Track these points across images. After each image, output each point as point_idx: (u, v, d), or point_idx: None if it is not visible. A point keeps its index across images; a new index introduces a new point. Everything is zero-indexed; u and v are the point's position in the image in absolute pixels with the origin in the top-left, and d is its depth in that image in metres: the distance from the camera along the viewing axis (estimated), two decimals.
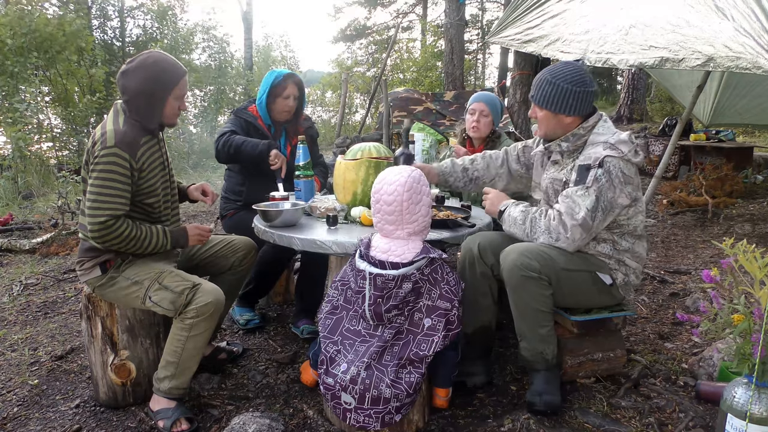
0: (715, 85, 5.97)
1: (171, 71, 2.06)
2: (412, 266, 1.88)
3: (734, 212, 5.21)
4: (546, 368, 2.11)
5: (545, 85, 2.11)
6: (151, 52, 2.10)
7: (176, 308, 2.01)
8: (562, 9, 4.44)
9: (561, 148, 2.17)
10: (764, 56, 2.94)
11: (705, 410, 2.08)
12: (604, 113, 2.18)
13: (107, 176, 1.94)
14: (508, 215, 2.20)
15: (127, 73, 2.02)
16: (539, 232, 2.10)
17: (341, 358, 1.90)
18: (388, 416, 1.85)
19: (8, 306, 3.38)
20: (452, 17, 10.01)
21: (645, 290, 3.46)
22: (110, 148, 1.94)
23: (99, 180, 1.94)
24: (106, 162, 1.94)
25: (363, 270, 1.89)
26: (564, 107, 2.09)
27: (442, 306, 1.91)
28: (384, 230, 1.96)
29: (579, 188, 2.03)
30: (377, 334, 1.91)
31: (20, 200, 6.69)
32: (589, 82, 2.09)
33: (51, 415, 2.20)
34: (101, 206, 1.94)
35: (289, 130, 3.05)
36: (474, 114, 3.09)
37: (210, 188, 2.47)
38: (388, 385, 1.83)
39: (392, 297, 1.87)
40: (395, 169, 1.97)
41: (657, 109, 13.14)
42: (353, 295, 1.96)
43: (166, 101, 2.07)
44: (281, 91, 2.88)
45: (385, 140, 7.74)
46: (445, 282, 1.94)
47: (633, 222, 2.14)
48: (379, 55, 18.65)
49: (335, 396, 1.88)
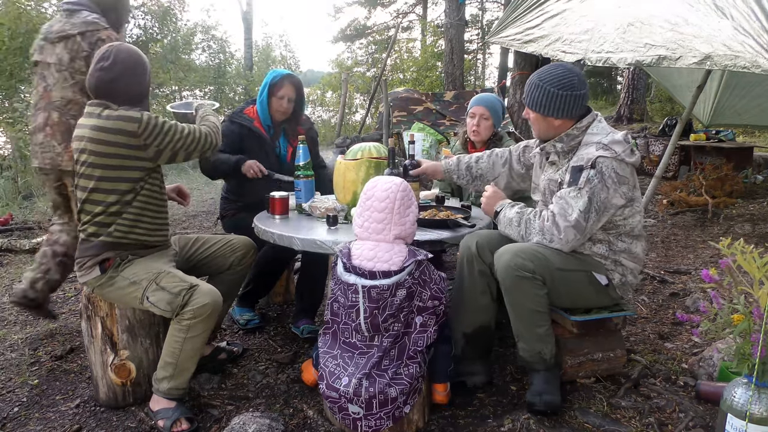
0: (715, 85, 5.96)
1: (144, 59, 2.14)
2: (404, 272, 1.86)
3: (734, 212, 5.21)
4: (545, 368, 2.11)
5: (533, 88, 2.12)
6: (112, 45, 2.11)
7: (173, 309, 2.01)
8: (561, 9, 4.44)
9: (556, 149, 2.17)
10: (764, 55, 2.94)
11: (705, 410, 2.08)
12: (599, 113, 2.18)
13: (168, 126, 2.06)
14: (503, 216, 2.21)
15: (107, 70, 2.04)
16: (533, 234, 2.11)
17: (341, 371, 1.89)
18: (398, 411, 1.88)
19: (8, 306, 3.38)
20: (452, 17, 10.00)
21: (645, 290, 3.46)
22: (145, 115, 2.02)
23: (167, 132, 2.05)
24: (155, 121, 2.03)
25: (354, 284, 1.86)
26: (551, 110, 2.10)
27: (432, 305, 1.94)
28: (368, 231, 1.92)
29: (571, 189, 2.03)
30: (375, 344, 1.91)
31: (20, 200, 6.69)
32: (578, 85, 2.07)
33: (51, 415, 2.20)
34: (200, 134, 2.16)
35: (288, 131, 3.05)
36: (474, 118, 3.08)
37: (186, 189, 2.53)
38: (390, 385, 1.84)
39: (387, 306, 1.86)
40: (385, 178, 1.98)
41: (657, 109, 13.15)
42: (341, 309, 1.92)
43: (148, 86, 2.15)
44: (276, 90, 2.91)
45: (385, 140, 7.74)
46: (433, 282, 1.95)
47: (630, 222, 2.13)
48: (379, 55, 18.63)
49: (342, 408, 1.88)
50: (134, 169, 2.05)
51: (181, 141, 2.10)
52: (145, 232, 2.14)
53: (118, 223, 2.07)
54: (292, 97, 2.94)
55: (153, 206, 2.15)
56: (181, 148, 2.11)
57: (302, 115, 3.11)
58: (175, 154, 2.11)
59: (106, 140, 1.99)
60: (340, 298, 1.91)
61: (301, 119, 3.09)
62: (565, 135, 2.13)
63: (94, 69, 2.06)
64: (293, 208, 2.65)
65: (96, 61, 2.07)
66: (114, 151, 2.00)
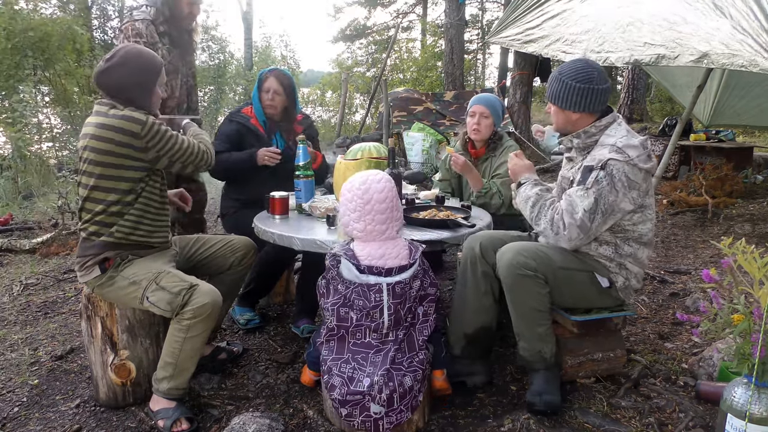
0: (714, 85, 5.97)
1: (154, 60, 2.13)
2: (416, 263, 1.94)
3: (734, 212, 5.21)
4: (545, 368, 2.11)
5: (554, 81, 2.13)
6: (124, 46, 2.13)
7: (173, 309, 2.00)
8: (562, 9, 4.45)
9: (572, 144, 2.16)
10: (762, 54, 2.94)
11: (705, 410, 2.08)
12: (620, 116, 2.16)
13: (170, 135, 2.07)
14: (524, 190, 2.20)
15: (111, 70, 2.04)
16: (543, 221, 2.10)
17: (360, 374, 1.89)
18: (414, 401, 1.92)
19: (8, 306, 3.38)
20: (452, 17, 10.00)
21: (645, 290, 3.46)
22: (149, 120, 2.02)
23: (168, 140, 2.06)
24: (158, 127, 2.04)
25: (376, 283, 1.88)
26: (569, 103, 2.09)
27: (431, 292, 2.01)
28: (372, 234, 1.93)
29: (579, 189, 2.03)
30: (390, 339, 1.93)
31: (20, 200, 6.68)
32: (597, 80, 2.05)
33: (51, 415, 2.20)
34: (198, 148, 2.16)
35: (283, 128, 3.07)
36: (474, 116, 3.08)
37: (187, 194, 2.54)
38: (405, 374, 1.89)
39: (408, 299, 1.93)
40: (366, 173, 1.98)
41: (657, 109, 13.15)
42: (356, 312, 1.90)
43: (153, 90, 2.12)
44: (262, 85, 2.98)
45: (385, 140, 7.74)
46: (430, 270, 2.04)
47: (639, 229, 2.11)
48: (379, 55, 18.63)
49: (364, 408, 1.86)
50: (135, 170, 2.05)
51: (180, 152, 2.12)
52: (146, 233, 2.14)
53: (119, 224, 2.07)
54: (278, 90, 2.97)
55: (154, 208, 2.15)
56: (178, 159, 2.12)
57: (296, 112, 3.11)
58: (172, 163, 2.12)
59: (109, 138, 1.99)
60: (358, 300, 1.90)
61: (295, 116, 3.10)
62: (582, 131, 2.11)
63: (101, 66, 2.06)
64: (293, 208, 2.65)
65: (104, 59, 2.08)
66: (116, 149, 2.00)
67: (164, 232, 2.23)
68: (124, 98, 2.05)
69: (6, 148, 8.18)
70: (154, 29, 2.80)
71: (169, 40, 2.88)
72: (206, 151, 2.23)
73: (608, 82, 2.11)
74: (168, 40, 2.88)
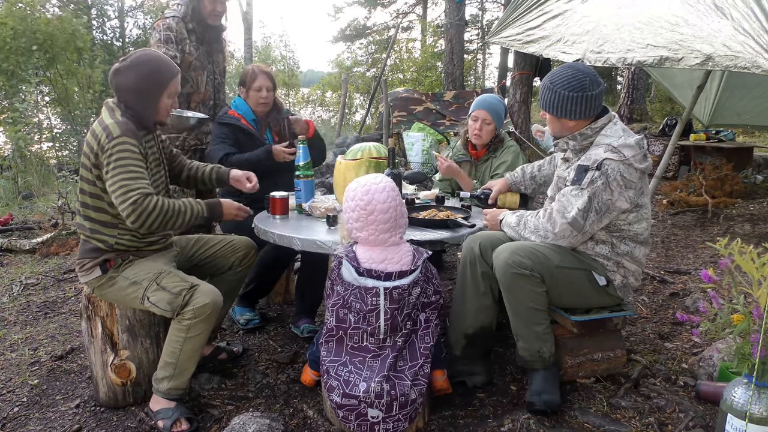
0: (715, 85, 5.97)
1: (164, 70, 2.08)
2: (418, 270, 1.91)
3: (734, 212, 5.21)
4: (544, 367, 2.11)
5: (545, 90, 2.13)
6: (144, 50, 2.13)
7: (173, 309, 2.00)
8: (562, 9, 4.44)
9: (568, 146, 2.17)
10: (763, 56, 2.94)
11: (705, 410, 2.08)
12: (616, 115, 2.16)
13: (124, 162, 1.94)
14: (505, 222, 2.25)
15: (120, 71, 2.04)
16: (528, 232, 2.14)
17: (356, 378, 1.88)
18: (414, 413, 1.91)
19: (8, 306, 3.38)
20: (452, 17, 9.99)
21: (645, 290, 3.46)
22: (118, 138, 1.95)
23: (117, 168, 1.93)
24: (119, 150, 1.94)
25: (374, 287, 1.87)
26: (564, 112, 2.09)
27: (435, 299, 1.98)
28: (377, 240, 1.92)
29: (574, 188, 2.04)
30: (388, 345, 1.91)
31: (20, 200, 6.68)
32: (589, 86, 2.04)
33: (51, 415, 2.20)
34: (128, 189, 1.92)
35: (273, 125, 3.12)
36: (477, 121, 3.08)
37: (254, 177, 2.46)
38: (410, 387, 1.87)
39: (406, 305, 1.89)
40: (368, 178, 1.95)
41: (657, 109, 13.13)
42: (353, 314, 1.90)
43: (159, 99, 2.09)
44: (252, 83, 3.00)
45: (385, 140, 7.74)
46: (434, 277, 2.00)
47: (635, 228, 2.12)
48: (379, 55, 18.62)
49: (360, 414, 1.86)
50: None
51: (118, 189, 1.92)
52: (148, 237, 2.14)
53: (120, 231, 2.07)
54: (269, 86, 3.01)
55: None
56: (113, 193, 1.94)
57: (281, 106, 3.17)
58: (108, 193, 1.98)
59: (90, 144, 1.99)
60: (355, 303, 1.89)
61: (280, 105, 3.16)
62: (578, 134, 2.12)
63: (115, 66, 2.06)
64: (293, 208, 2.65)
65: (120, 59, 2.07)
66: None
67: (166, 233, 2.23)
68: (127, 103, 2.05)
69: (6, 148, 8.18)
70: (184, 26, 2.97)
71: (195, 38, 3.03)
72: (144, 212, 1.91)
73: (601, 84, 2.11)
74: (195, 38, 3.03)
